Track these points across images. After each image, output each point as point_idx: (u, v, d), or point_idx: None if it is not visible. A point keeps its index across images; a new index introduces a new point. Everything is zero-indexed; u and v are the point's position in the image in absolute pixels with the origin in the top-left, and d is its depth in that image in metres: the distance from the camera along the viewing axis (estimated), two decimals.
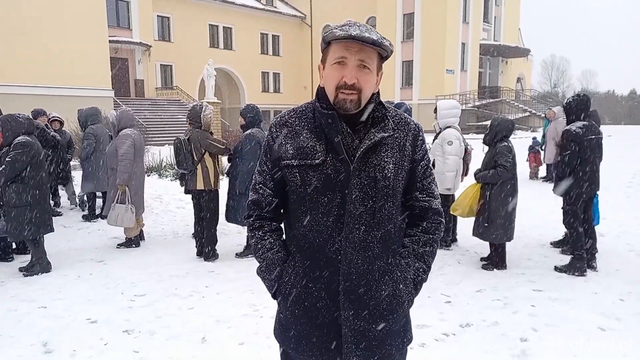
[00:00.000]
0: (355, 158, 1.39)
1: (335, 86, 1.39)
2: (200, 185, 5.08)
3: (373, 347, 1.47)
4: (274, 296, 1.57)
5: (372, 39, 1.33)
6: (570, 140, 4.47)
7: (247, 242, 5.41)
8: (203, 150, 5.05)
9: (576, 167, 4.50)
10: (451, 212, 5.05)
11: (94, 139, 6.81)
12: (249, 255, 5.30)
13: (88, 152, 6.83)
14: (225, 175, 5.47)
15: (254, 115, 5.20)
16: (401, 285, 1.50)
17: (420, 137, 1.53)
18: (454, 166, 5.23)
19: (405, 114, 1.55)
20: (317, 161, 1.41)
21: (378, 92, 1.49)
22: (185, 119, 5.39)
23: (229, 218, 5.25)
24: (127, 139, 5.45)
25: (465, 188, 4.97)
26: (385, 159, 1.43)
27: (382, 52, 1.40)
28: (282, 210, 1.59)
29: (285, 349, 1.58)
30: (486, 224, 4.69)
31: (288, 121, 1.51)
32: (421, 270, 1.54)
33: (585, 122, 4.53)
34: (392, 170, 1.44)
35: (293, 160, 1.44)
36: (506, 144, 4.67)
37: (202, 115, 5.10)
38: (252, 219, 1.59)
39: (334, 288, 1.44)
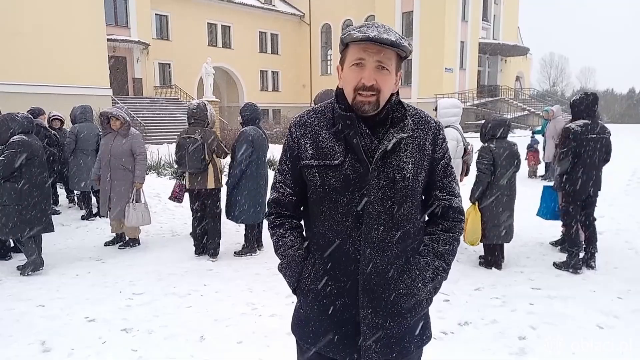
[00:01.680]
0: (374, 159, 1.40)
1: (354, 88, 1.40)
2: (211, 184, 5.12)
3: (391, 344, 1.48)
4: (294, 292, 1.59)
5: (391, 40, 1.33)
6: (567, 137, 4.50)
7: (245, 240, 5.41)
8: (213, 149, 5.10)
9: (574, 165, 4.51)
10: (471, 245, 4.82)
11: (74, 137, 6.80)
12: (247, 254, 5.30)
13: (66, 150, 6.86)
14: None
15: (250, 114, 5.20)
16: (420, 284, 1.50)
17: (441, 136, 1.53)
18: None
19: (426, 112, 1.55)
20: (336, 162, 1.43)
21: (397, 92, 1.49)
22: (187, 118, 5.24)
23: (228, 216, 5.27)
24: (141, 138, 5.53)
25: (468, 214, 4.73)
26: (405, 160, 1.43)
27: (401, 53, 1.40)
28: (302, 208, 1.61)
29: (304, 344, 1.59)
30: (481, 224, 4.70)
31: (307, 121, 1.52)
32: (440, 269, 1.54)
33: (587, 121, 4.52)
34: (412, 171, 1.44)
35: (312, 161, 1.46)
36: (487, 145, 4.66)
37: (208, 114, 5.13)
38: (272, 216, 1.61)
39: (353, 286, 1.46)
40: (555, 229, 5.86)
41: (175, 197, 5.71)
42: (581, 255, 4.72)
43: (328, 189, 1.44)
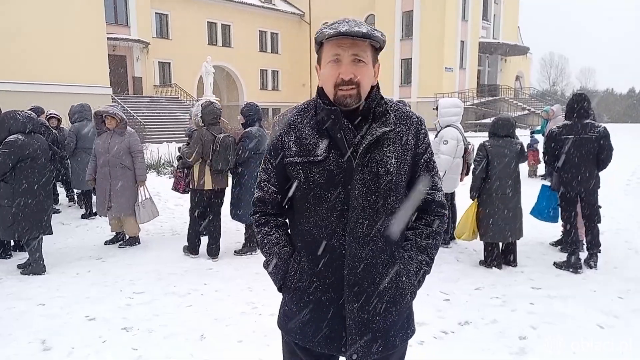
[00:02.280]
0: (357, 154, 1.41)
1: (334, 84, 1.41)
2: (228, 182, 5.25)
3: (377, 338, 1.50)
4: (280, 289, 1.60)
5: (362, 32, 1.35)
6: (547, 138, 4.74)
7: (245, 239, 5.41)
8: None
9: (558, 165, 4.62)
10: (457, 237, 4.93)
11: (74, 137, 6.78)
12: (248, 253, 5.30)
13: (67, 149, 6.87)
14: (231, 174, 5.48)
15: (253, 114, 5.22)
16: (404, 278, 1.52)
17: (423, 131, 1.55)
18: (444, 166, 5.21)
19: (407, 107, 1.57)
20: (319, 158, 1.43)
21: (378, 87, 1.50)
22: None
23: (233, 215, 5.27)
24: (137, 136, 5.60)
25: (465, 210, 4.85)
26: (388, 154, 1.45)
27: (375, 44, 1.42)
28: (286, 206, 1.61)
29: (291, 340, 1.60)
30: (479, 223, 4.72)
31: (290, 119, 1.53)
32: (424, 262, 1.56)
33: (568, 122, 4.62)
34: (395, 165, 1.45)
35: (296, 158, 1.47)
36: (483, 142, 4.71)
37: None
38: (257, 215, 1.63)
39: (338, 281, 1.47)
40: (555, 229, 5.86)
41: (184, 190, 5.61)
42: (582, 254, 4.72)
43: (312, 185, 1.45)
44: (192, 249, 5.23)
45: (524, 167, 10.42)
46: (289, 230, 1.63)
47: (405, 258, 1.54)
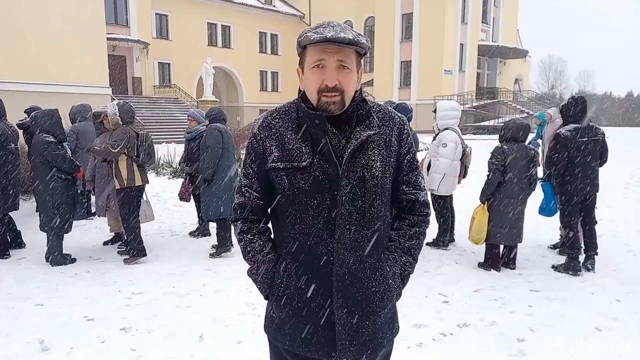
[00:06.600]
0: (343, 159, 1.38)
1: (317, 90, 1.38)
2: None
3: (366, 341, 1.49)
4: (267, 298, 1.58)
5: (349, 38, 1.32)
6: (558, 143, 4.55)
7: (218, 239, 5.35)
8: None
9: (569, 168, 4.55)
10: (475, 243, 4.81)
11: (75, 137, 6.76)
12: (223, 254, 5.26)
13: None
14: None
15: (216, 114, 5.39)
16: (390, 281, 1.52)
17: (405, 131, 1.53)
18: (443, 169, 5.21)
19: (390, 108, 1.55)
20: (304, 163, 1.40)
21: (361, 91, 1.49)
22: (187, 118, 5.78)
23: (207, 216, 5.30)
24: None
25: (475, 213, 4.77)
26: (373, 158, 1.43)
27: (360, 50, 1.40)
28: (269, 211, 1.58)
29: (280, 346, 1.58)
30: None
31: (271, 122, 1.48)
32: (408, 263, 1.56)
33: (578, 125, 4.56)
34: (380, 169, 1.44)
35: (279, 163, 1.43)
36: (500, 146, 4.66)
37: None
38: (239, 222, 1.57)
39: (326, 287, 1.45)
40: (554, 231, 5.87)
41: (189, 197, 6.14)
42: (581, 257, 4.73)
43: (297, 192, 1.41)
44: (142, 250, 5.07)
45: None
46: (272, 236, 1.59)
47: (390, 260, 1.54)
